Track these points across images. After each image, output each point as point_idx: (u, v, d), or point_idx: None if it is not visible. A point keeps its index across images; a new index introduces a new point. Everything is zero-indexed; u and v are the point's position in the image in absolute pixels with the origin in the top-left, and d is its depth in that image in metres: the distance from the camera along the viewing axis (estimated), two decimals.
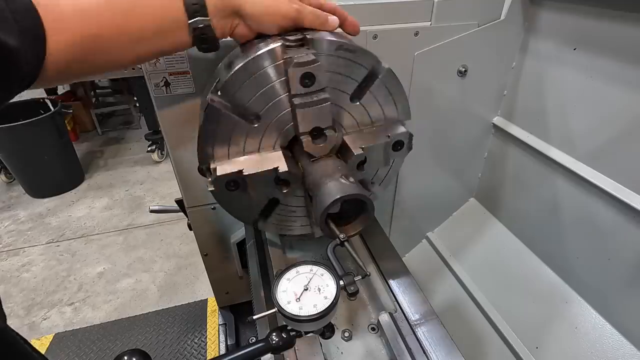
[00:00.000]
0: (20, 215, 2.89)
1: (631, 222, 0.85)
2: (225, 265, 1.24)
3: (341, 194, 0.58)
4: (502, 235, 1.27)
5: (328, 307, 0.56)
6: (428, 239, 1.41)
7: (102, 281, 2.29)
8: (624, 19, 0.79)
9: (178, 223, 2.69)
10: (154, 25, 0.58)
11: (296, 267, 0.63)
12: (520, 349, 1.01)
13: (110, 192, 3.12)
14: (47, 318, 2.09)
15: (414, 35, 0.93)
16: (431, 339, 0.70)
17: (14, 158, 2.91)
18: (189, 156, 0.95)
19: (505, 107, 1.17)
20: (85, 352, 1.87)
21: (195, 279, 2.27)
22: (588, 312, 0.99)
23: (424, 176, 1.24)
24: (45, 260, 2.47)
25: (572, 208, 1.02)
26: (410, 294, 0.79)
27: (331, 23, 0.65)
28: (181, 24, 0.58)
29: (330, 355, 0.71)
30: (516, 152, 1.16)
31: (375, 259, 0.89)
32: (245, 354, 0.56)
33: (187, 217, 1.11)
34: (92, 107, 3.96)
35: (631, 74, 0.81)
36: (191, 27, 0.59)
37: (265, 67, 0.61)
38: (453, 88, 1.07)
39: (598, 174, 0.92)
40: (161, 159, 3.50)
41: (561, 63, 0.96)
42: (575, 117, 0.96)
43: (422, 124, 1.05)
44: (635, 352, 0.88)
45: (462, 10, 0.95)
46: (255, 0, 0.60)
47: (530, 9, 1.01)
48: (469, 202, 1.41)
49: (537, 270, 1.14)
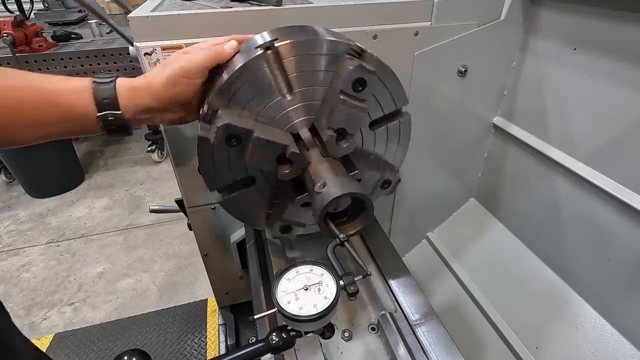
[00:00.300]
0: (20, 215, 2.89)
1: (631, 222, 0.85)
2: (225, 265, 1.25)
3: (343, 191, 0.58)
4: (502, 235, 1.27)
5: (328, 307, 0.56)
6: (428, 239, 1.41)
7: (102, 281, 2.29)
8: (624, 19, 0.79)
9: (178, 223, 2.69)
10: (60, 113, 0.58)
11: (296, 267, 0.63)
12: (520, 349, 1.01)
13: (110, 192, 3.12)
14: (47, 318, 2.08)
15: (414, 35, 0.93)
16: (431, 339, 0.70)
17: (14, 158, 2.91)
18: (189, 156, 0.95)
19: (505, 107, 1.17)
20: (85, 352, 1.87)
21: (195, 279, 2.27)
22: (588, 312, 0.99)
23: (424, 176, 1.24)
24: (45, 260, 2.47)
25: (572, 208, 1.02)
26: (410, 294, 0.79)
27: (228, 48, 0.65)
28: (90, 115, 0.59)
29: (330, 355, 0.71)
30: (516, 152, 1.16)
31: (375, 259, 0.89)
32: (245, 354, 0.56)
33: (187, 217, 1.11)
34: None
35: (631, 74, 0.81)
36: (100, 119, 0.59)
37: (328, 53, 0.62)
38: (453, 88, 1.07)
39: (598, 174, 0.92)
40: (161, 159, 3.50)
41: (561, 63, 0.96)
42: (575, 117, 0.96)
43: (422, 124, 1.05)
44: (635, 352, 0.88)
45: (462, 10, 0.95)
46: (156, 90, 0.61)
47: (530, 9, 1.01)
48: (469, 202, 1.41)
49: (537, 270, 1.14)
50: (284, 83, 0.63)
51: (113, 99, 0.59)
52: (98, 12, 1.11)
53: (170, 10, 0.81)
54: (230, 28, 0.79)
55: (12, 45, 2.07)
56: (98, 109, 0.58)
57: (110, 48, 2.22)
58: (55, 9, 3.78)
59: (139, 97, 0.61)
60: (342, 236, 0.62)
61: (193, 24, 0.78)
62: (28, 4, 3.35)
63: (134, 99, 0.60)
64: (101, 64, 2.23)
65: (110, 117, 0.59)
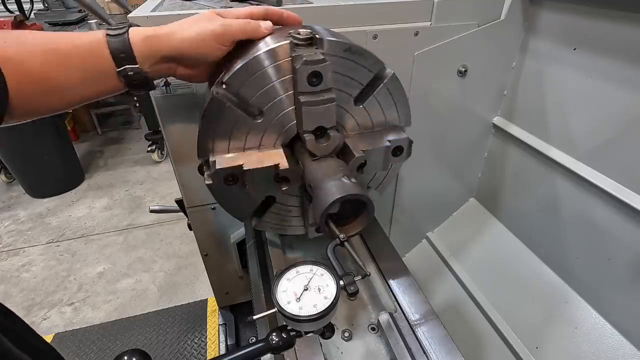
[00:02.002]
0: (20, 215, 2.89)
1: (631, 222, 0.85)
2: (225, 265, 1.24)
3: (342, 193, 0.57)
4: (502, 235, 1.27)
5: (328, 307, 0.56)
6: (428, 239, 1.41)
7: (102, 281, 2.29)
8: (624, 19, 0.79)
9: (178, 223, 2.69)
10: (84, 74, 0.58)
11: (296, 267, 0.62)
12: (520, 349, 1.01)
13: (110, 192, 3.12)
14: (47, 318, 2.08)
15: (414, 35, 0.93)
16: (431, 339, 0.70)
17: (14, 158, 2.91)
18: (189, 156, 0.95)
19: (505, 107, 1.17)
20: (85, 352, 1.87)
21: (195, 279, 2.27)
22: (588, 312, 0.99)
23: (424, 176, 1.24)
24: (45, 260, 2.47)
25: (572, 208, 1.02)
26: (410, 294, 0.79)
27: (264, 28, 0.65)
28: (110, 72, 0.58)
29: (330, 355, 0.71)
30: (516, 152, 1.16)
31: (375, 259, 0.89)
32: (245, 354, 0.56)
33: (187, 217, 1.11)
34: (92, 107, 3.95)
35: (631, 74, 0.81)
36: (120, 75, 0.59)
37: (272, 64, 0.61)
38: (453, 88, 1.07)
39: (598, 174, 0.92)
40: (161, 159, 3.50)
41: (561, 63, 0.96)
42: (575, 117, 0.96)
43: (422, 124, 1.05)
44: (635, 352, 0.88)
45: (462, 10, 0.95)
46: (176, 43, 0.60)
47: (530, 9, 1.01)
48: (469, 202, 1.41)
49: (537, 270, 1.13)
50: (249, 109, 0.63)
51: (129, 52, 0.57)
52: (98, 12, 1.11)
53: (170, 10, 0.81)
54: None
55: None
56: (117, 64, 0.57)
57: None
58: (55, 9, 3.78)
59: (156, 46, 0.59)
60: (342, 236, 0.62)
61: None
62: (28, 4, 3.35)
63: (150, 49, 0.59)
64: None
65: (130, 72, 0.58)
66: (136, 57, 0.58)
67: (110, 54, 0.57)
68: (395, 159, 0.73)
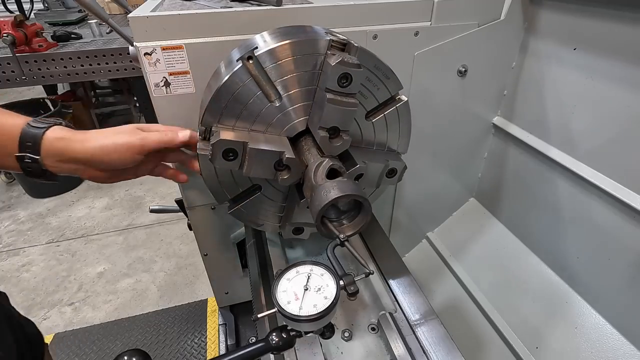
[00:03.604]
0: (20, 215, 2.89)
1: (631, 222, 0.85)
2: (225, 265, 1.24)
3: (340, 193, 0.58)
4: (502, 235, 1.27)
5: (328, 307, 0.56)
6: (428, 239, 1.41)
7: (102, 281, 2.29)
8: (624, 19, 0.79)
9: (178, 223, 2.69)
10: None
11: (296, 267, 0.63)
12: (520, 349, 1.01)
13: (110, 192, 3.11)
14: (47, 318, 2.08)
15: (414, 35, 0.93)
16: (431, 339, 0.70)
17: None
18: None
19: (505, 107, 1.17)
20: (85, 352, 1.87)
21: (195, 279, 2.27)
22: (588, 312, 0.99)
23: (424, 176, 1.24)
24: (45, 260, 2.47)
25: (572, 208, 1.02)
26: (410, 294, 0.79)
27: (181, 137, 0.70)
28: (11, 152, 0.61)
29: (330, 355, 0.71)
30: (516, 152, 1.16)
31: (375, 259, 0.89)
32: (245, 354, 0.56)
33: (187, 217, 1.11)
34: (92, 107, 3.95)
35: (631, 73, 0.81)
36: (18, 159, 0.61)
37: (309, 53, 0.62)
38: (453, 88, 1.07)
39: (598, 174, 0.92)
40: None
41: (561, 63, 0.96)
42: (575, 117, 0.96)
43: (422, 124, 1.05)
44: (635, 352, 0.88)
45: (462, 10, 0.95)
46: (88, 149, 0.63)
47: (530, 9, 1.01)
48: (469, 202, 1.41)
49: (537, 270, 1.13)
50: (271, 90, 0.63)
51: (36, 144, 0.61)
52: (98, 12, 1.11)
53: (170, 10, 0.81)
54: (230, 28, 0.79)
55: (12, 45, 2.07)
56: (19, 149, 0.61)
57: (110, 48, 2.22)
58: (55, 9, 3.78)
59: (66, 148, 0.63)
60: (342, 236, 0.62)
61: (193, 24, 0.78)
62: (28, 4, 3.35)
63: (58, 149, 0.62)
64: (101, 64, 2.23)
65: (27, 160, 0.61)
66: (41, 151, 0.61)
67: (19, 139, 0.61)
68: (387, 179, 0.78)
